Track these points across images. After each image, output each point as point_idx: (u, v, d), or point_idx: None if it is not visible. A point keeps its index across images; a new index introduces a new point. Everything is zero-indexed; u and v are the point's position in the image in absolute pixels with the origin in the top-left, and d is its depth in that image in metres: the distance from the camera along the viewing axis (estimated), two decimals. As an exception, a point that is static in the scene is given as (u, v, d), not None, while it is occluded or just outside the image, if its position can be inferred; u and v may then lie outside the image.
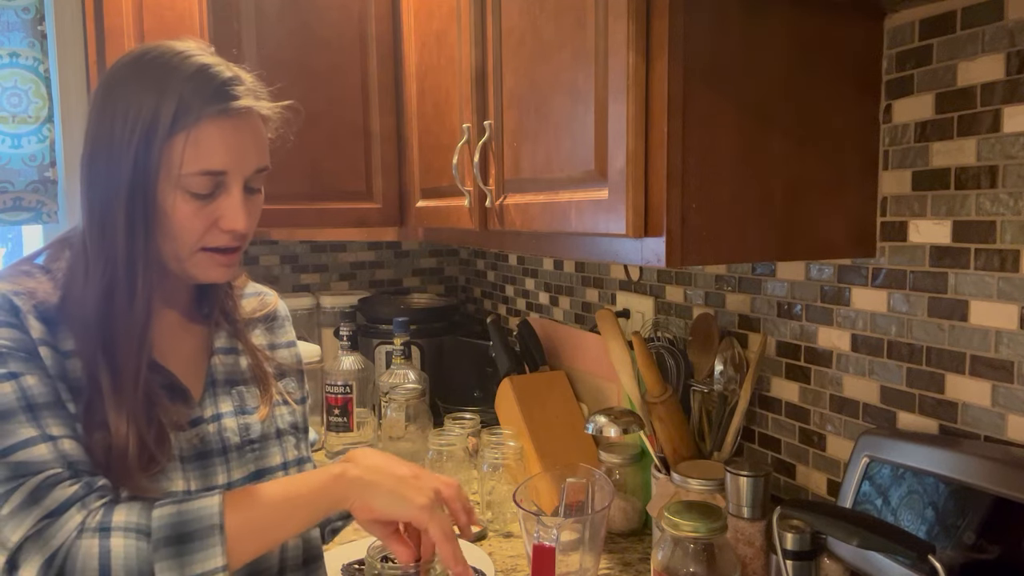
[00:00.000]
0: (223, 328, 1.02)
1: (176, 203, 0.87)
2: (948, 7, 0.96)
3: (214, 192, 0.88)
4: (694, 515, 1.00)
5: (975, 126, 0.94)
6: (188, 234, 0.88)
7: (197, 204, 0.87)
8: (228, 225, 0.89)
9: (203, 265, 0.91)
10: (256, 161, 0.91)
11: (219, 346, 1.00)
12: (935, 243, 1.00)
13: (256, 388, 1.02)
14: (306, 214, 1.86)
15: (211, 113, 0.85)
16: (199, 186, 0.87)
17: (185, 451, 0.91)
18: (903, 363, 1.05)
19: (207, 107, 0.85)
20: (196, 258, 0.90)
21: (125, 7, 1.72)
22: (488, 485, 1.46)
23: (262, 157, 0.92)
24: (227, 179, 0.88)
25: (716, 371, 1.26)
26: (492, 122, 1.29)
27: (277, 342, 1.10)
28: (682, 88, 0.90)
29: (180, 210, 0.87)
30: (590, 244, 1.06)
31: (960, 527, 0.88)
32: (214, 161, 0.86)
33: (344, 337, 1.95)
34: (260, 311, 1.08)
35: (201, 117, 0.85)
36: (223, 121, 0.87)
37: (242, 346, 1.02)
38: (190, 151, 0.85)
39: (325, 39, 1.83)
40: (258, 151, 0.91)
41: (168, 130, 0.84)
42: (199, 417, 0.94)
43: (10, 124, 2.01)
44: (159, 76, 0.86)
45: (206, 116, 0.85)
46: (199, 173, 0.86)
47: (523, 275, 2.19)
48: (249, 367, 1.02)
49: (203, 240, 0.89)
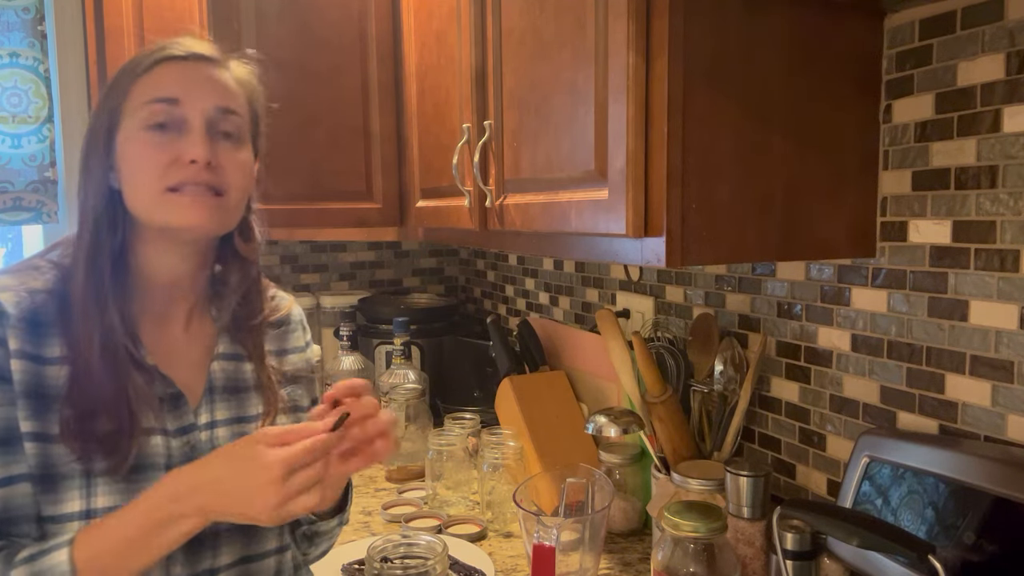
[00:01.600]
0: (227, 333, 0.99)
1: (137, 141, 0.89)
2: (948, 7, 0.96)
3: (172, 127, 0.89)
4: (694, 515, 1.00)
5: (975, 126, 0.94)
6: (150, 170, 0.88)
7: (156, 139, 0.88)
8: (187, 155, 0.88)
9: (175, 206, 0.88)
10: (216, 99, 0.91)
11: (220, 352, 0.98)
12: (935, 243, 1.00)
13: (259, 396, 0.99)
14: (306, 214, 1.86)
15: (157, 59, 0.90)
16: (154, 116, 0.88)
17: (175, 458, 0.90)
18: (903, 363, 1.05)
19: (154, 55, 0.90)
20: (166, 200, 0.88)
21: (125, 7, 1.72)
22: (488, 485, 1.46)
23: (225, 99, 0.92)
24: (184, 112, 0.89)
25: (716, 371, 1.26)
26: (492, 122, 1.29)
27: (287, 347, 1.07)
28: (682, 88, 0.90)
29: (139, 147, 0.88)
30: (590, 244, 1.06)
31: (960, 527, 0.88)
32: (164, 90, 0.89)
33: (344, 337, 1.95)
34: (272, 316, 1.05)
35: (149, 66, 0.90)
36: (172, 63, 0.91)
37: (246, 352, 1.00)
38: (141, 90, 0.89)
39: (325, 39, 1.83)
40: (218, 92, 0.92)
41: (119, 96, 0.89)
42: (191, 424, 0.92)
43: (10, 124, 2.01)
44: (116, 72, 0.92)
45: (153, 60, 0.90)
46: (151, 101, 0.88)
47: (523, 275, 2.19)
48: (253, 373, 1.00)
49: (166, 176, 0.88)
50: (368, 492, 1.66)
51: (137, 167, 0.88)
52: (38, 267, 0.91)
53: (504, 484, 1.44)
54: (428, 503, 1.55)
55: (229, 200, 0.92)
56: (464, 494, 1.54)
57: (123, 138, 0.89)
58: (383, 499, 1.59)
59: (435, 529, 1.44)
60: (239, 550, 0.94)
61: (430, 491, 1.55)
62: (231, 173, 0.91)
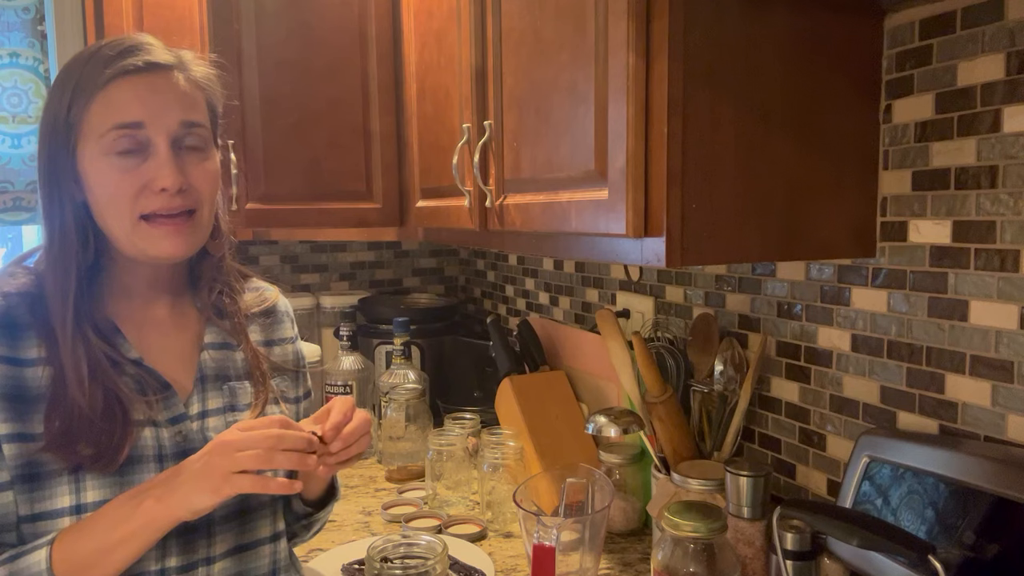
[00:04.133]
0: (215, 323, 1.01)
1: (103, 170, 0.87)
2: (948, 7, 0.96)
3: (138, 151, 0.87)
4: (694, 515, 1.00)
5: (975, 126, 0.94)
6: (122, 200, 0.87)
7: (123, 166, 0.87)
8: (158, 184, 0.87)
9: (150, 237, 0.89)
10: (179, 114, 0.89)
11: (209, 341, 0.99)
12: (935, 243, 1.00)
13: (250, 384, 1.00)
14: (306, 214, 1.86)
15: (114, 72, 0.87)
16: (119, 144, 0.87)
17: (166, 449, 0.90)
18: (903, 363, 1.05)
19: (110, 67, 0.87)
20: (139, 230, 0.89)
21: (125, 7, 1.72)
22: (488, 485, 1.46)
23: (188, 111, 0.91)
24: (149, 135, 0.87)
25: (716, 371, 1.26)
26: (492, 122, 1.29)
27: (273, 338, 1.08)
28: (682, 88, 0.90)
29: (108, 176, 0.87)
30: (590, 244, 1.06)
31: (960, 527, 0.88)
32: (126, 114, 0.87)
33: (344, 337, 1.95)
34: (257, 307, 1.07)
35: (105, 79, 0.86)
36: (131, 78, 0.87)
37: (235, 341, 1.01)
38: (101, 112, 0.86)
39: (325, 39, 1.83)
40: (181, 105, 0.90)
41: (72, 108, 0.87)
42: (182, 414, 0.93)
43: (10, 124, 2.01)
44: (71, 67, 0.89)
45: (110, 75, 0.87)
46: (114, 128, 0.86)
47: (523, 275, 2.19)
48: (244, 363, 1.01)
49: (137, 205, 0.88)
50: (368, 492, 1.66)
51: (106, 194, 0.88)
52: (12, 273, 0.91)
53: (504, 484, 1.44)
54: (428, 503, 1.55)
55: (202, 215, 0.93)
56: (464, 494, 1.54)
57: (87, 159, 0.88)
58: (383, 499, 1.59)
59: (435, 529, 1.44)
60: (233, 538, 0.95)
61: (430, 491, 1.55)
62: (201, 186, 0.92)
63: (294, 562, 1.06)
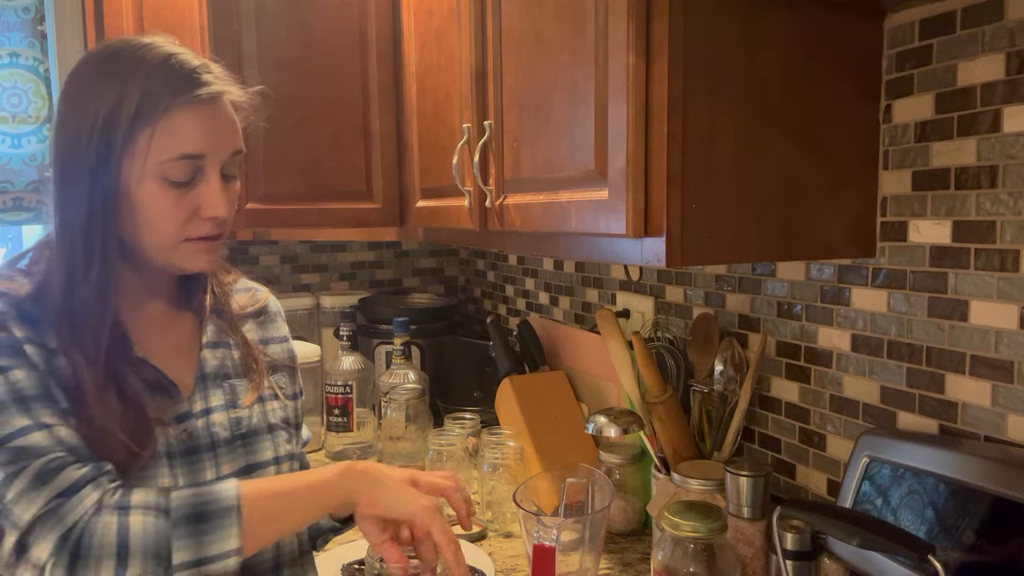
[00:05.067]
0: (211, 322, 1.02)
1: (154, 193, 0.87)
2: (948, 7, 0.96)
3: (192, 180, 0.88)
4: (694, 515, 1.00)
5: (975, 126, 0.94)
6: (170, 224, 0.89)
7: (176, 193, 0.88)
8: (209, 212, 0.89)
9: (189, 254, 0.91)
10: (231, 145, 0.91)
11: (207, 340, 1.00)
12: (935, 243, 1.00)
13: (248, 382, 1.02)
14: (306, 214, 1.86)
15: (184, 100, 0.86)
16: (178, 173, 0.87)
17: (173, 446, 0.91)
18: (903, 363, 1.05)
19: (179, 95, 0.86)
20: (181, 248, 0.91)
21: (125, 7, 1.72)
22: (488, 485, 1.46)
23: (236, 141, 0.93)
24: (205, 164, 0.89)
25: (716, 371, 1.26)
26: (492, 122, 1.29)
27: (268, 337, 1.10)
28: (682, 88, 0.90)
29: (159, 200, 0.87)
30: (590, 244, 1.06)
31: (960, 527, 0.88)
32: (191, 145, 0.87)
33: (344, 337, 1.95)
34: (251, 306, 1.09)
35: (172, 105, 0.86)
36: (197, 107, 0.87)
37: (232, 340, 1.03)
38: (165, 139, 0.85)
39: (325, 39, 1.82)
40: (232, 135, 0.92)
41: (131, 122, 0.85)
42: (187, 412, 0.94)
43: (10, 124, 2.01)
44: (122, 70, 0.86)
45: (179, 104, 0.86)
46: (177, 159, 0.86)
47: (523, 275, 2.19)
48: (241, 360, 1.02)
49: (186, 230, 0.90)
50: (368, 492, 1.66)
51: (153, 216, 0.88)
52: (9, 276, 0.91)
53: (504, 484, 1.44)
54: (428, 503, 1.55)
55: (226, 233, 0.95)
56: (464, 494, 1.54)
57: (135, 176, 0.86)
58: (383, 499, 1.59)
59: (435, 529, 1.44)
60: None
61: (430, 491, 1.55)
62: (232, 209, 0.94)
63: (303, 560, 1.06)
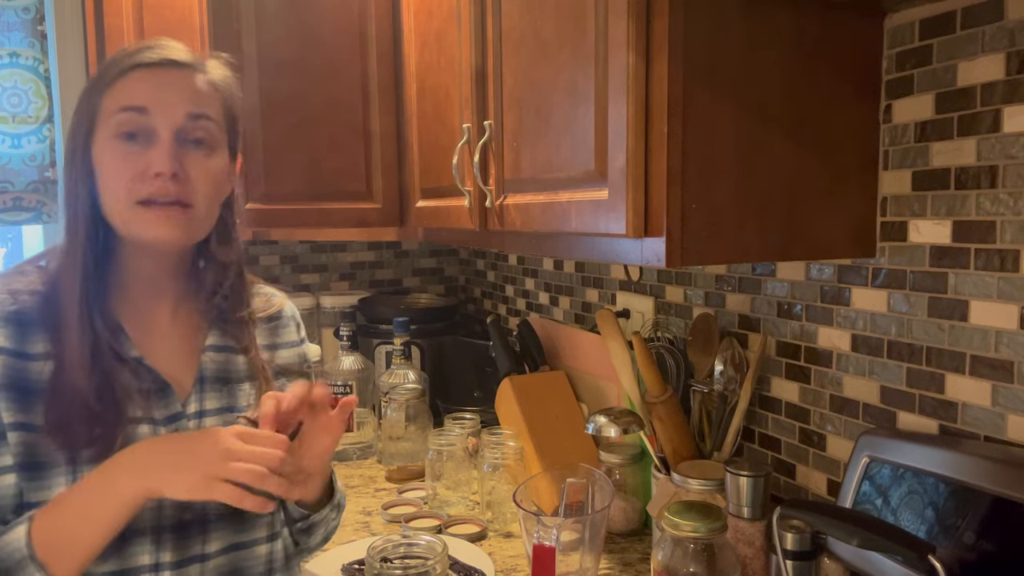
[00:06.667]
0: (217, 325, 1.02)
1: (107, 150, 0.90)
2: (948, 7, 0.96)
3: (142, 138, 0.90)
4: (694, 515, 1.00)
5: (975, 126, 0.94)
6: (119, 180, 0.90)
7: (125, 148, 0.90)
8: (154, 168, 0.89)
9: (146, 222, 0.91)
10: (187, 107, 0.92)
11: (210, 343, 1.00)
12: (935, 243, 1.00)
13: (252, 387, 1.01)
14: (306, 214, 1.86)
15: (130, 64, 0.91)
16: (123, 126, 0.89)
17: None
18: (903, 363, 1.05)
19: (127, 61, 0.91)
20: (136, 213, 0.90)
21: (125, 7, 1.72)
22: (488, 485, 1.46)
23: (198, 103, 0.93)
24: (153, 123, 0.90)
25: (716, 371, 1.26)
26: (492, 122, 1.29)
27: (278, 342, 1.10)
28: (682, 88, 0.90)
29: (111, 156, 0.90)
30: (590, 244, 1.06)
31: (960, 527, 0.88)
32: (134, 98, 0.90)
33: (344, 337, 1.95)
34: (263, 311, 1.09)
35: (124, 70, 0.91)
36: (144, 69, 0.91)
37: (239, 345, 1.02)
38: (113, 98, 0.90)
39: (325, 38, 1.82)
40: (191, 99, 0.93)
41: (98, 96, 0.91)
42: (180, 413, 0.94)
43: (10, 124, 2.01)
44: (96, 71, 0.94)
45: (128, 67, 0.91)
46: (120, 110, 0.90)
47: (523, 275, 2.19)
48: (247, 365, 1.02)
49: (134, 189, 0.90)
50: (368, 492, 1.66)
51: (108, 177, 0.91)
52: (23, 271, 0.95)
53: (504, 484, 1.44)
54: (428, 503, 1.55)
55: (198, 211, 0.94)
56: (464, 494, 1.54)
57: (98, 143, 0.91)
58: (383, 499, 1.59)
59: (435, 529, 1.44)
60: (229, 536, 0.96)
61: (430, 491, 1.55)
62: (199, 183, 0.93)
63: (291, 564, 1.06)
